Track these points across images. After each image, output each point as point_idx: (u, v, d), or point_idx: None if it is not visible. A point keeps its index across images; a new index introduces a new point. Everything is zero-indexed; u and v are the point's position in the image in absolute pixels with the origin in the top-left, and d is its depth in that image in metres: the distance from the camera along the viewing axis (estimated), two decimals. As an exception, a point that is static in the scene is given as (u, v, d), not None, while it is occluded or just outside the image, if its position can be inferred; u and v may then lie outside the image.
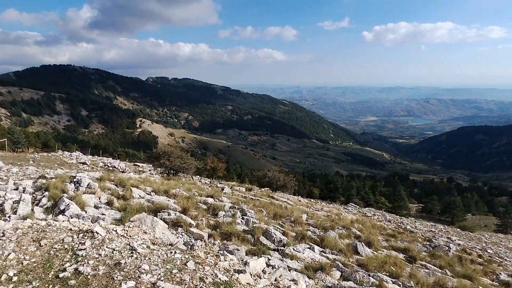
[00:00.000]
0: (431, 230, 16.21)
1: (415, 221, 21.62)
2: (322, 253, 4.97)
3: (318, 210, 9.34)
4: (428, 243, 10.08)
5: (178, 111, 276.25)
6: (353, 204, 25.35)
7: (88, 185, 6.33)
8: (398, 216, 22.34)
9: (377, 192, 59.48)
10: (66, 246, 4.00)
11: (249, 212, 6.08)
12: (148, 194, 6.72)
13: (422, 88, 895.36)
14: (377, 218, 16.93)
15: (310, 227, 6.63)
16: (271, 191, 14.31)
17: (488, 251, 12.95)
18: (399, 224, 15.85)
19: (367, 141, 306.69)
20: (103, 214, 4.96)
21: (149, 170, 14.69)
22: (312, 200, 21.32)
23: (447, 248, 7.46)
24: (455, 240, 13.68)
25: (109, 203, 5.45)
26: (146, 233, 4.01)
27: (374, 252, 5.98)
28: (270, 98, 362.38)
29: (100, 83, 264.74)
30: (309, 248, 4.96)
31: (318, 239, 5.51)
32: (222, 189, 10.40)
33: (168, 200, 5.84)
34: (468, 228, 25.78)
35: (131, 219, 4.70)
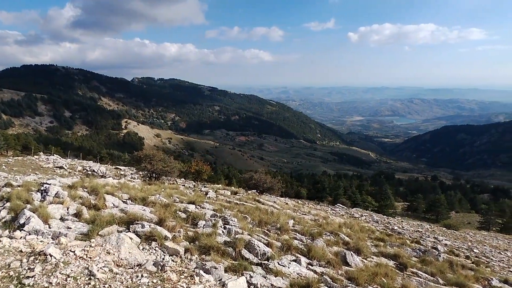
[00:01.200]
0: (418, 230, 16.22)
1: (402, 221, 21.71)
2: (309, 265, 4.64)
3: (305, 214, 9.06)
4: (417, 245, 9.95)
5: (165, 111, 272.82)
6: (340, 205, 25.29)
7: (56, 194, 5.77)
8: (385, 216, 22.40)
9: (363, 191, 60.04)
10: (11, 273, 3.40)
11: (231, 220, 5.69)
12: (124, 202, 6.24)
13: (406, 88, 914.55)
14: (365, 219, 16.84)
15: (297, 234, 6.31)
16: (257, 194, 13.97)
17: (474, 250, 12.99)
18: (387, 224, 15.79)
19: (354, 141, 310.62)
20: (68, 228, 4.46)
21: (131, 174, 14.10)
22: (299, 201, 21.09)
23: (437, 252, 7.31)
24: (442, 240, 13.68)
25: (78, 215, 4.93)
26: (109, 253, 3.50)
27: (364, 260, 5.71)
28: (258, 98, 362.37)
29: (84, 83, 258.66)
30: (295, 261, 4.62)
31: (305, 249, 5.19)
32: (206, 193, 9.95)
33: (144, 210, 5.37)
34: (452, 226, 26.13)
35: (99, 233, 4.24)
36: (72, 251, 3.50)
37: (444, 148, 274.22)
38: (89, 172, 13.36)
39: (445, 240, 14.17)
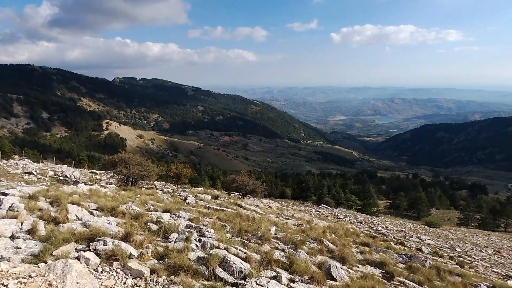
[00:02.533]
0: (401, 230, 16.24)
1: (385, 221, 21.81)
2: (291, 282, 4.24)
3: (288, 218, 8.73)
4: (402, 248, 9.81)
5: (148, 112, 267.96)
6: (324, 205, 25.21)
7: (11, 206, 5.09)
8: (368, 216, 22.46)
9: (347, 190, 60.66)
10: None
11: (207, 231, 5.23)
12: (90, 213, 5.66)
13: (388, 88, 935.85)
14: (349, 219, 16.74)
15: (279, 243, 5.93)
16: (240, 197, 13.56)
17: (457, 249, 13.06)
18: (371, 225, 15.72)
19: (337, 140, 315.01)
20: (17, 248, 3.85)
21: (107, 178, 13.33)
22: (283, 203, 20.82)
23: (423, 257, 7.13)
24: (425, 240, 13.70)
25: (32, 231, 4.29)
26: (52, 285, 2.95)
27: (349, 270, 5.41)
28: (242, 98, 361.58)
29: (63, 84, 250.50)
30: (275, 278, 4.20)
31: (286, 262, 4.81)
32: (185, 198, 9.43)
33: (109, 223, 4.81)
34: (434, 224, 26.56)
35: (53, 253, 3.69)
36: (4, 285, 2.87)
37: (424, 146, 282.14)
38: (61, 178, 12.54)
39: (428, 239, 14.21)
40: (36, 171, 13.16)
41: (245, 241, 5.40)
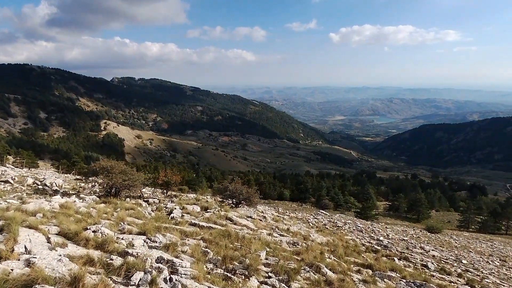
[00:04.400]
0: (403, 239, 15.47)
1: (386, 227, 21.04)
2: None
3: (283, 235, 7.93)
4: (406, 263, 9.04)
5: (146, 112, 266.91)
6: (323, 211, 24.43)
7: None
8: (369, 223, 21.69)
9: (346, 191, 60.00)
10: None
11: (182, 267, 4.35)
12: (47, 240, 4.78)
13: (386, 88, 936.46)
14: (348, 227, 15.97)
15: (270, 273, 5.11)
16: (232, 206, 12.74)
17: (463, 261, 12.30)
18: (371, 234, 14.96)
19: (336, 140, 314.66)
20: None
21: (91, 186, 12.43)
22: (280, 209, 20.00)
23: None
24: (429, 251, 12.93)
25: None
26: None
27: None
28: (241, 98, 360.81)
29: (61, 83, 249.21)
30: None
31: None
32: (171, 211, 8.55)
33: (59, 260, 3.94)
34: (435, 228, 25.80)
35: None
36: None
37: (423, 146, 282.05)
38: (40, 187, 11.68)
39: (432, 250, 13.43)
40: (14, 179, 12.31)
41: (229, 273, 4.59)
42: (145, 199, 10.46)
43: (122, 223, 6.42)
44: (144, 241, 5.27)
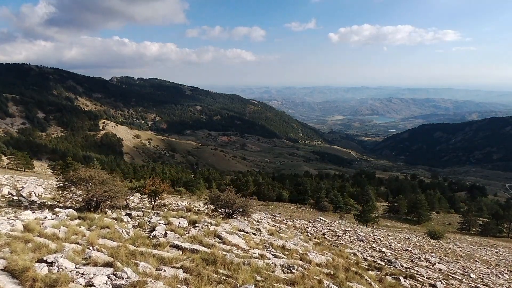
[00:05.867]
0: (407, 249, 14.72)
1: (388, 235, 20.29)
2: None
3: (278, 255, 7.11)
4: (413, 282, 8.28)
5: (145, 112, 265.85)
6: (322, 218, 23.65)
7: None
8: (369, 230, 20.93)
9: (345, 193, 59.27)
10: None
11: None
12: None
13: (385, 88, 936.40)
14: (349, 237, 15.22)
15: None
16: (225, 217, 11.93)
17: (472, 275, 11.56)
18: (373, 245, 14.20)
19: (335, 140, 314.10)
20: None
21: (72, 196, 11.38)
22: (277, 217, 19.18)
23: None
24: (435, 264, 12.18)
25: None
26: None
27: None
28: (240, 98, 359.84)
29: (59, 83, 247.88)
30: None
31: None
32: (154, 228, 7.67)
33: None
34: (437, 234, 25.05)
35: None
36: None
37: (422, 146, 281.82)
38: (15, 198, 10.77)
39: (438, 262, 12.68)
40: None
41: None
42: (128, 212, 9.62)
43: (90, 248, 5.59)
44: (108, 278, 4.43)
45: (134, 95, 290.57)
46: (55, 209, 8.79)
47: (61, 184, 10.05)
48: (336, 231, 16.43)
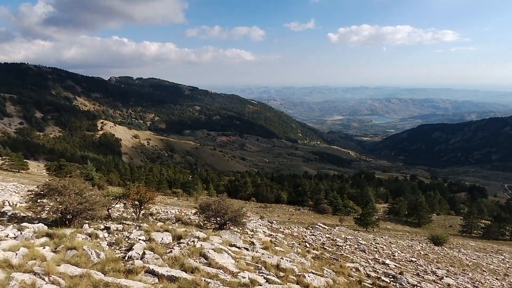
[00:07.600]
0: (411, 260, 13.89)
1: (390, 242, 19.44)
2: None
3: (271, 280, 6.26)
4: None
5: (144, 112, 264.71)
6: (321, 225, 22.79)
7: None
8: (371, 238, 20.09)
9: (345, 194, 58.48)
10: None
11: None
12: None
13: (384, 88, 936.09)
14: (349, 246, 14.39)
15: None
16: (216, 228, 11.05)
17: (482, 291, 10.73)
18: (376, 256, 13.36)
19: (334, 140, 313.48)
20: None
21: (48, 207, 10.23)
22: (273, 225, 18.30)
23: None
24: (442, 278, 11.34)
25: None
26: None
27: None
28: (239, 98, 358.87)
29: (58, 83, 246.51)
30: None
31: None
32: (130, 247, 6.68)
33: None
34: (440, 239, 24.23)
35: None
36: None
37: (421, 146, 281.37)
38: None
39: (446, 275, 11.84)
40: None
41: None
42: (107, 226, 8.71)
43: (45, 279, 4.67)
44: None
45: (133, 95, 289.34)
46: (22, 224, 7.88)
47: (32, 195, 9.15)
48: (336, 239, 15.60)
